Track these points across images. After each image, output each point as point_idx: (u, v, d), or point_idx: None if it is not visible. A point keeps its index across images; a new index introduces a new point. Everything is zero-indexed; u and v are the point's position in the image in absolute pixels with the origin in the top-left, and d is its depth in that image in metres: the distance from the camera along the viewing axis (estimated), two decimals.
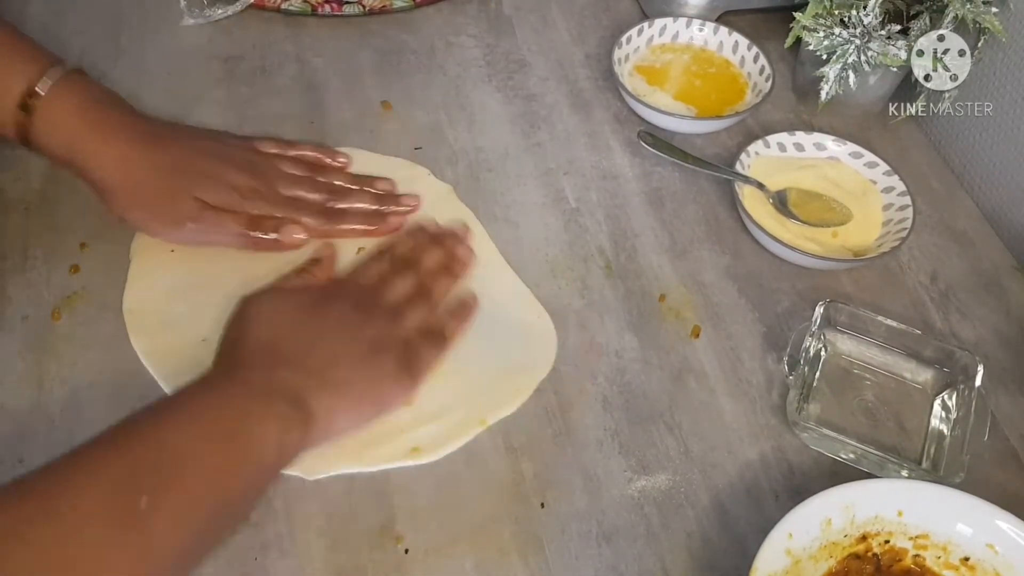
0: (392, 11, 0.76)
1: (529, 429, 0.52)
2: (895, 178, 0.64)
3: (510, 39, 0.76)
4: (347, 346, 0.48)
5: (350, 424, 0.48)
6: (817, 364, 0.56)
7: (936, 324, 0.60)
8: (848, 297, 0.60)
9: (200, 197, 0.55)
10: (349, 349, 0.48)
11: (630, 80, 0.71)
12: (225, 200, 0.55)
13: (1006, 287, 0.63)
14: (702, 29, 0.74)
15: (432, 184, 0.64)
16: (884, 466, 0.51)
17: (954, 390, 0.54)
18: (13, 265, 0.56)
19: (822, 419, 0.54)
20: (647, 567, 0.47)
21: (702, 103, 0.70)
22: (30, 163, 0.61)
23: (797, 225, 0.62)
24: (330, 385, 0.46)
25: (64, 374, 0.52)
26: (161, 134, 0.56)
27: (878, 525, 0.47)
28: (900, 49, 0.64)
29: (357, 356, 0.48)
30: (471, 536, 0.48)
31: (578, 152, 0.67)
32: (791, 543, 0.45)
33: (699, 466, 0.52)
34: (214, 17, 0.73)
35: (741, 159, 0.64)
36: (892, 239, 0.61)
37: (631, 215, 0.64)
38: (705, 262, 0.62)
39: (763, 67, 0.71)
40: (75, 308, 0.55)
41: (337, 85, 0.70)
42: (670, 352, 0.56)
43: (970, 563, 0.46)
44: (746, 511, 0.50)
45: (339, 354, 0.48)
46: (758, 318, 0.59)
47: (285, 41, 0.73)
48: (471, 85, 0.72)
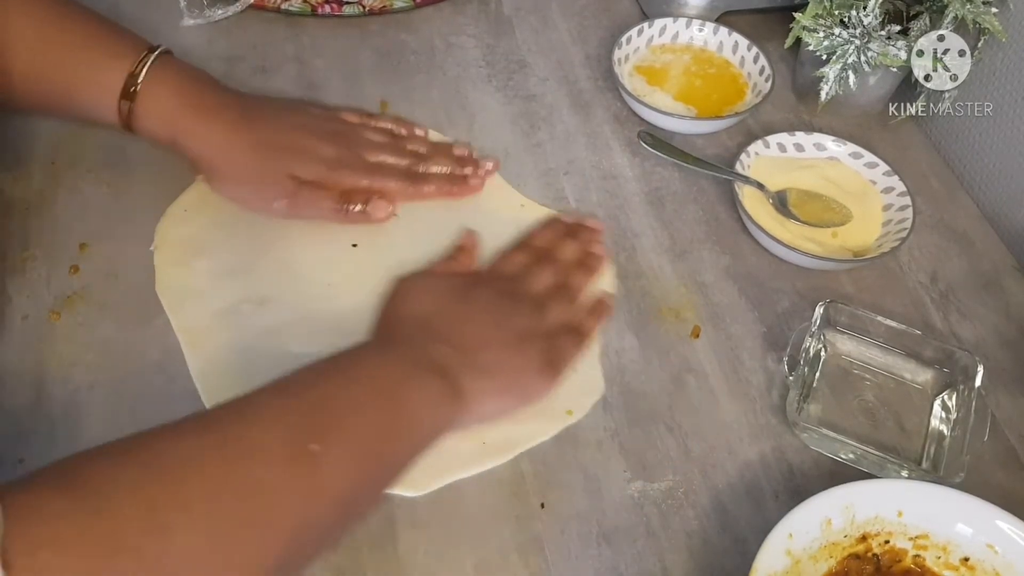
0: (392, 11, 0.76)
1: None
2: (895, 178, 0.64)
3: (510, 39, 0.76)
4: (496, 332, 0.49)
5: (495, 411, 0.48)
6: (817, 364, 0.56)
7: (936, 324, 0.60)
8: (848, 297, 0.60)
9: (294, 174, 0.57)
10: (498, 335, 0.49)
11: (630, 80, 0.71)
12: (316, 173, 0.58)
13: (1006, 287, 0.62)
14: (702, 29, 0.74)
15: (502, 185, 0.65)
16: (884, 466, 0.51)
17: (954, 390, 0.54)
18: (13, 265, 0.56)
19: (822, 419, 0.54)
20: (647, 567, 0.47)
21: (702, 103, 0.70)
22: (30, 163, 0.61)
23: (797, 225, 0.62)
24: (480, 367, 0.47)
25: (64, 374, 0.52)
26: (255, 112, 0.58)
27: (878, 525, 0.47)
28: (900, 49, 0.64)
29: (505, 343, 0.49)
30: (471, 536, 0.48)
31: (578, 152, 0.67)
32: (791, 543, 0.45)
33: (699, 466, 0.52)
34: (214, 18, 0.73)
35: (741, 159, 0.64)
36: (892, 239, 0.61)
37: (631, 215, 0.64)
38: (705, 262, 0.62)
39: (763, 67, 0.71)
40: (75, 308, 0.55)
41: (337, 85, 0.70)
42: (670, 352, 0.56)
43: (970, 563, 0.46)
44: (746, 511, 0.50)
45: (488, 338, 0.49)
46: (758, 318, 0.59)
47: (285, 42, 0.73)
48: (471, 85, 0.72)
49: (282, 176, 0.57)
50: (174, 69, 0.55)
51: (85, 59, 0.54)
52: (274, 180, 0.57)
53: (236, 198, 0.58)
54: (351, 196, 0.59)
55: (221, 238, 0.58)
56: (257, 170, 0.57)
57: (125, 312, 0.55)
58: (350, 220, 0.59)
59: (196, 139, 0.55)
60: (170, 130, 0.55)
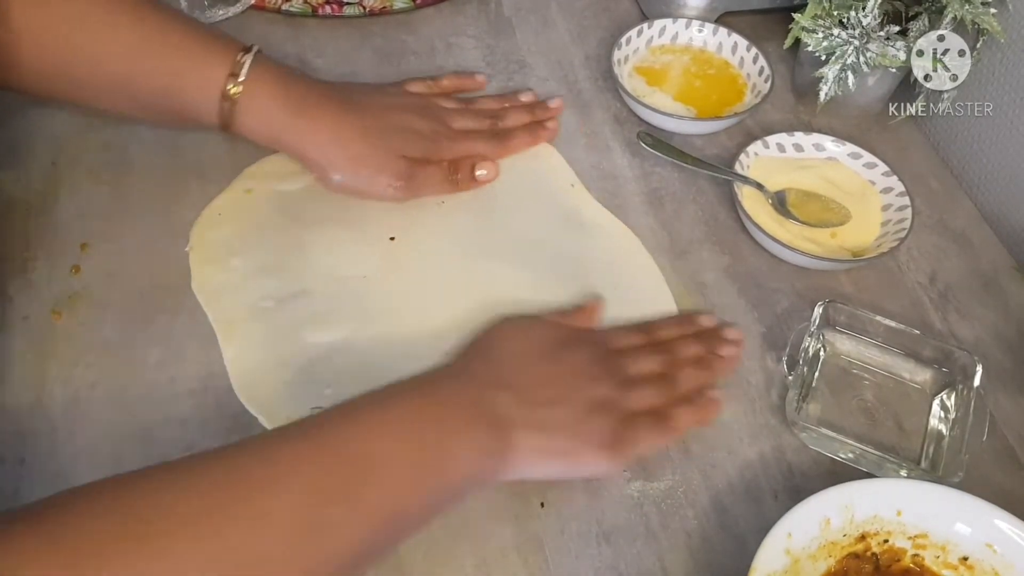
0: (392, 12, 0.76)
1: None
2: (894, 178, 0.64)
3: (510, 40, 0.76)
4: (570, 394, 0.46)
5: (542, 473, 0.46)
6: (816, 364, 0.56)
7: (935, 324, 0.60)
8: (847, 297, 0.60)
9: (405, 154, 0.58)
10: (571, 398, 0.46)
11: (630, 81, 0.71)
12: (422, 150, 0.59)
13: (1005, 287, 0.63)
14: (701, 30, 0.74)
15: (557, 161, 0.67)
16: (883, 466, 0.51)
17: (953, 390, 0.54)
18: (14, 265, 0.56)
19: (821, 419, 0.54)
20: (647, 567, 0.48)
21: (701, 104, 0.70)
22: (31, 163, 0.61)
23: (796, 225, 0.62)
24: (538, 424, 0.44)
25: (65, 374, 0.52)
26: (352, 100, 0.59)
27: (877, 525, 0.47)
28: (899, 50, 0.64)
29: (574, 407, 0.46)
30: (471, 536, 0.48)
31: (578, 152, 0.67)
32: (790, 543, 0.45)
33: (698, 466, 0.52)
34: (215, 18, 0.73)
35: (740, 160, 0.64)
36: (891, 239, 0.61)
37: (631, 215, 0.64)
38: (705, 262, 0.62)
39: (762, 68, 0.71)
40: (76, 308, 0.55)
41: None
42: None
43: (969, 563, 0.46)
44: (745, 511, 0.50)
45: (559, 398, 0.46)
46: (757, 318, 0.59)
47: (286, 42, 0.73)
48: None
49: (394, 157, 0.58)
50: (271, 69, 0.56)
51: (185, 62, 0.54)
52: (388, 162, 0.58)
53: (352, 187, 0.58)
54: (459, 166, 0.61)
55: (256, 239, 0.58)
56: (371, 156, 0.57)
57: (126, 312, 0.55)
58: (461, 188, 0.61)
59: (305, 138, 0.56)
60: (273, 129, 0.56)
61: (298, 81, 0.57)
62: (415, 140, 0.59)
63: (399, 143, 0.58)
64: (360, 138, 0.57)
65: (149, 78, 0.54)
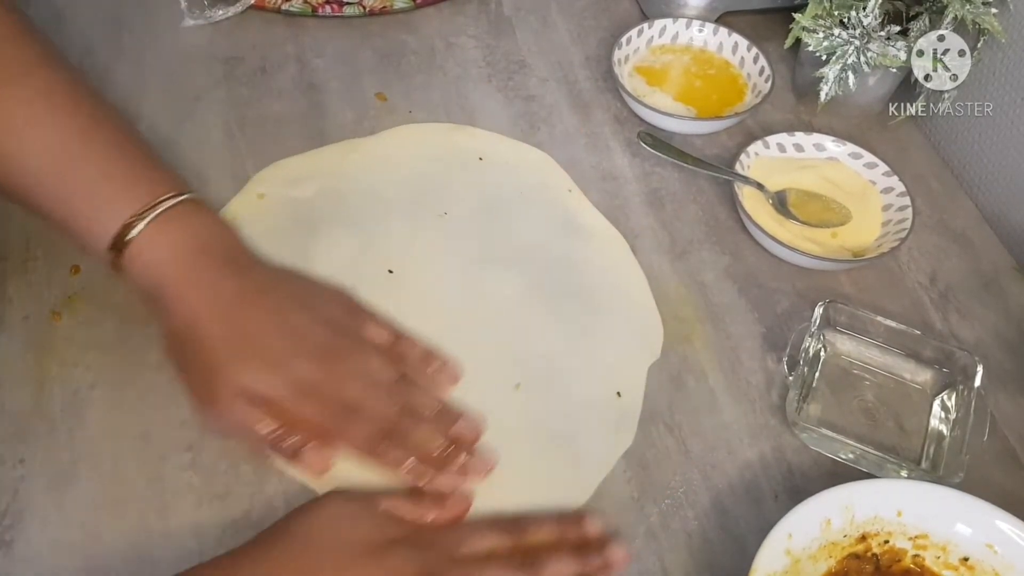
0: (392, 12, 0.76)
1: None
2: (894, 178, 0.64)
3: (510, 40, 0.76)
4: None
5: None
6: (817, 364, 0.56)
7: (935, 324, 0.60)
8: (847, 297, 0.60)
9: (248, 387, 0.45)
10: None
11: (630, 81, 0.71)
12: (273, 395, 0.45)
13: (1005, 288, 0.63)
14: (702, 30, 0.74)
15: (554, 169, 0.66)
16: (883, 466, 0.51)
17: (953, 390, 0.54)
18: (14, 265, 0.56)
19: (821, 419, 0.54)
20: (647, 567, 0.48)
21: (702, 104, 0.70)
22: None
23: (797, 225, 0.62)
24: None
25: (64, 375, 0.52)
26: (243, 298, 0.47)
27: (877, 525, 0.47)
28: (899, 50, 0.64)
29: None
30: None
31: (578, 152, 0.67)
32: (791, 543, 0.45)
33: (699, 466, 0.52)
34: (215, 18, 0.73)
35: (741, 160, 0.64)
36: (891, 239, 0.61)
37: (631, 215, 0.64)
38: (705, 262, 0.62)
39: (763, 68, 0.71)
40: (76, 308, 0.55)
41: (337, 86, 0.70)
42: (670, 352, 0.57)
43: (969, 563, 0.46)
44: (746, 511, 0.50)
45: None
46: (758, 318, 0.59)
47: (285, 42, 0.73)
48: (471, 86, 0.72)
49: (228, 385, 0.45)
50: (177, 228, 0.48)
51: (89, 197, 0.48)
52: (215, 387, 0.45)
53: (181, 384, 0.48)
54: (295, 429, 0.46)
55: (267, 246, 0.55)
56: (204, 366, 0.46)
57: (126, 312, 0.54)
58: (285, 460, 0.47)
59: (164, 313, 0.47)
60: (149, 292, 0.47)
61: (200, 254, 0.48)
62: (271, 381, 0.46)
63: (244, 372, 0.45)
64: (207, 345, 0.46)
65: (48, 200, 0.48)
